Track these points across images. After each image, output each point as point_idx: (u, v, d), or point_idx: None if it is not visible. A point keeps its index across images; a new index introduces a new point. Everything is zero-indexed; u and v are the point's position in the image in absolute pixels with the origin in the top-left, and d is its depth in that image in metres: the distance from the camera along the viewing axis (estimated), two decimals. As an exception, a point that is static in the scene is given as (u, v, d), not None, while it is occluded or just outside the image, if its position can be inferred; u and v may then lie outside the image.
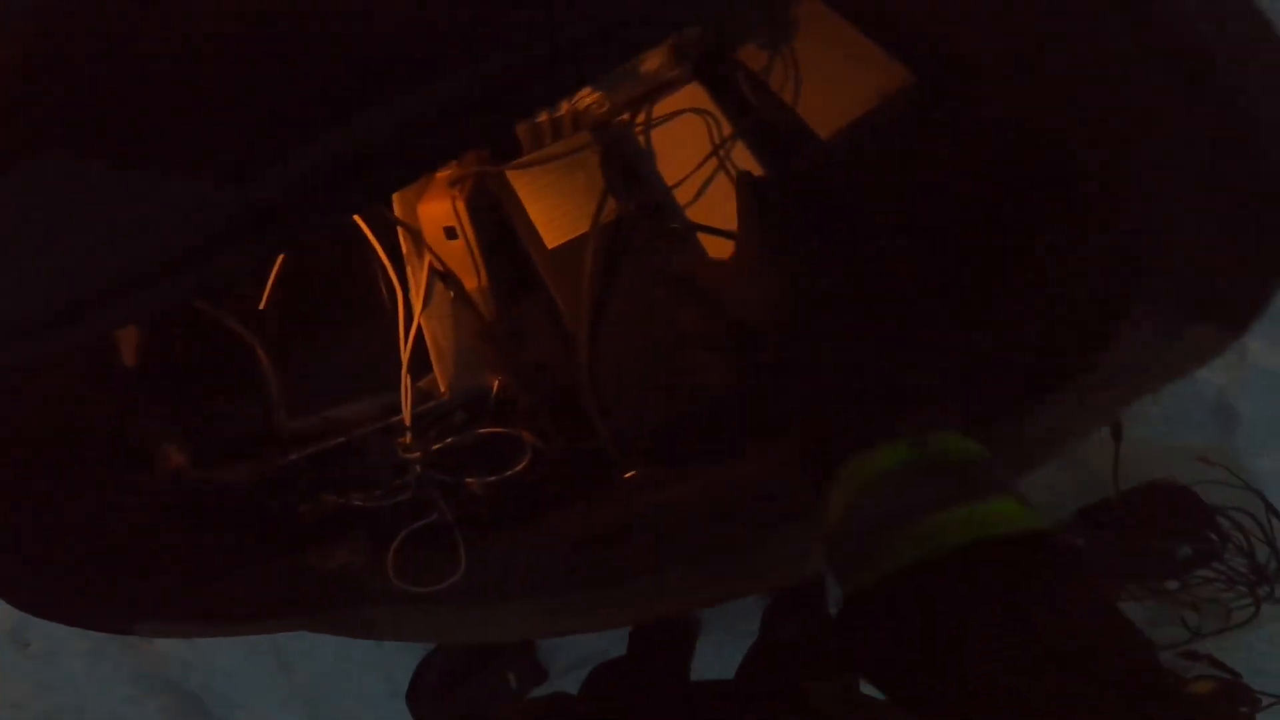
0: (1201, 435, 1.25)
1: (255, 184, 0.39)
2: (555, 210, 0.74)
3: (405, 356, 0.74)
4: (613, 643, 1.30)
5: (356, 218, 0.75)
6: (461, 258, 0.76)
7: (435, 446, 0.74)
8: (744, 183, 0.70)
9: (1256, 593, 1.16)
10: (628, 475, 0.78)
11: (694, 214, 0.75)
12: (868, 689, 0.45)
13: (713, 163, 0.73)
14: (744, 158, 0.74)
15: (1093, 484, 1.21)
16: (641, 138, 0.76)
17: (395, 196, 0.77)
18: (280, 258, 0.77)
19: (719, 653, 1.30)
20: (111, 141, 0.40)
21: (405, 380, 0.74)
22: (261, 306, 0.77)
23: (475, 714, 1.32)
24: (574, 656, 1.44)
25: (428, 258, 0.75)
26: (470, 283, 0.76)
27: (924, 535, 0.40)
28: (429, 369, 0.76)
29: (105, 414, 0.80)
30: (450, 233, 0.75)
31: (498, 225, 0.76)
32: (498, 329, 0.78)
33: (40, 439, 0.72)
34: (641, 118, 0.77)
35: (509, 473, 0.77)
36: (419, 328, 0.74)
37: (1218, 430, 1.25)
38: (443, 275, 0.76)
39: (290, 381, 0.78)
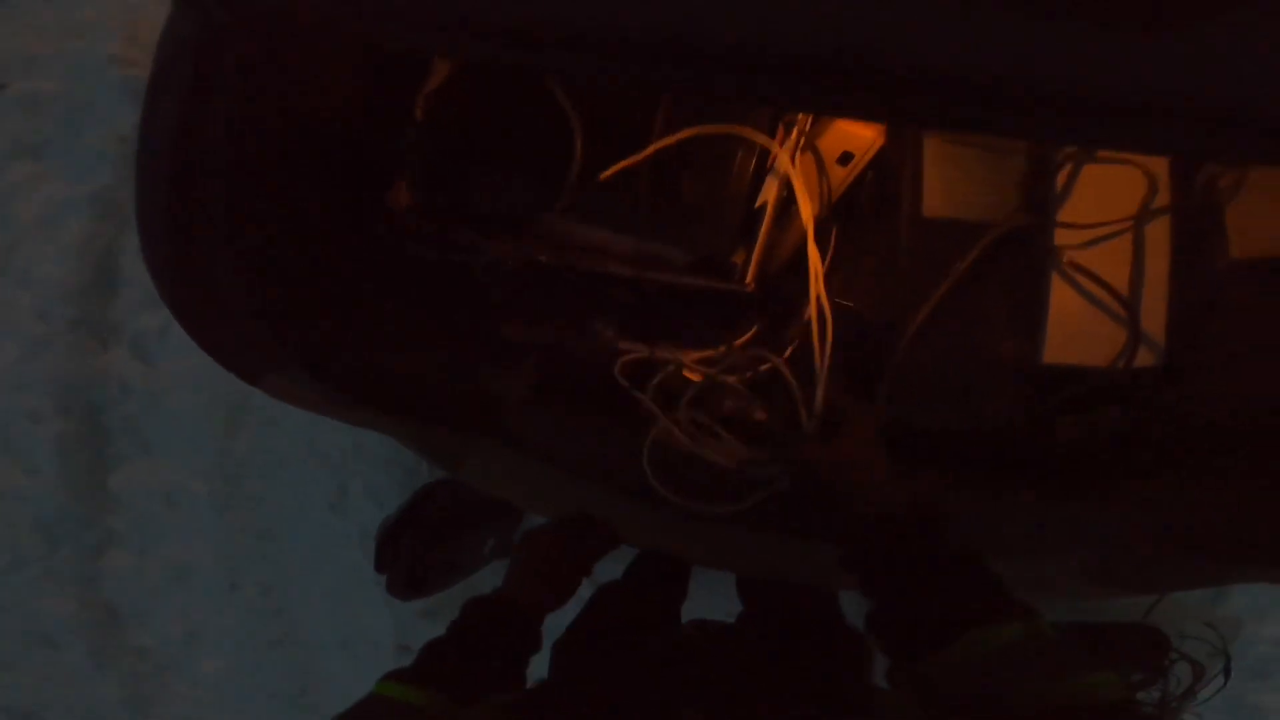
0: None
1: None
2: (950, 184, 0.69)
3: (765, 227, 0.69)
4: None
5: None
6: (819, 185, 0.69)
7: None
8: None
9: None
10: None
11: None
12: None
13: (1113, 216, 0.68)
14: (1157, 239, 0.69)
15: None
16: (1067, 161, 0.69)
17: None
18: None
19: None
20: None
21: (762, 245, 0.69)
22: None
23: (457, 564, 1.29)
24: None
25: (799, 163, 0.67)
26: (807, 210, 0.70)
27: (1067, 693, 0.49)
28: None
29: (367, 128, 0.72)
30: (845, 159, 0.68)
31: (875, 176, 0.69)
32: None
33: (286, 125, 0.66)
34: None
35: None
36: (764, 206, 0.68)
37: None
38: (789, 186, 0.69)
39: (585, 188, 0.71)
